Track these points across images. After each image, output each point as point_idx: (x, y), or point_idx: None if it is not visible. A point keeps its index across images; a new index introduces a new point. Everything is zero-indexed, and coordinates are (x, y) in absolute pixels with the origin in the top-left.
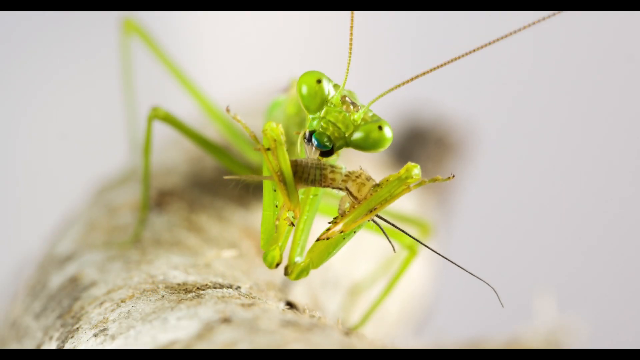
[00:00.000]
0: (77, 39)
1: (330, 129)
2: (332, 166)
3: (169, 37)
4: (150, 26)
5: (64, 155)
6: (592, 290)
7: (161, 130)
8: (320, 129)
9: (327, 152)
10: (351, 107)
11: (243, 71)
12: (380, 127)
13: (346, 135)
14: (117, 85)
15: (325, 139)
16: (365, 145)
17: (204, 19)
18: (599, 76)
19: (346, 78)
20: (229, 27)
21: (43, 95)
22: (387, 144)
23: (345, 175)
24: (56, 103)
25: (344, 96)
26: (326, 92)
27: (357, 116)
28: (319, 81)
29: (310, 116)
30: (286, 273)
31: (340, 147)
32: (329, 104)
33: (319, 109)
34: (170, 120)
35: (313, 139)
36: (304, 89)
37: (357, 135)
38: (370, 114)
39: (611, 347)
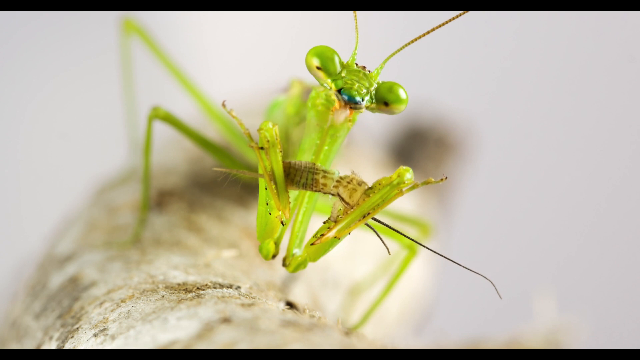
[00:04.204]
0: (77, 39)
1: (355, 84)
2: (324, 171)
3: (169, 37)
4: (150, 26)
5: (64, 155)
6: (592, 290)
7: (161, 130)
8: (346, 85)
9: (356, 106)
10: (365, 69)
11: (243, 71)
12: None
13: (370, 89)
14: (117, 85)
15: (354, 92)
16: (390, 97)
17: (204, 19)
18: (599, 76)
19: (356, 48)
20: (229, 27)
21: (43, 95)
22: (406, 103)
23: (337, 181)
24: (56, 103)
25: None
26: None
27: (374, 73)
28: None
29: (329, 80)
30: (284, 264)
31: (367, 102)
32: (346, 66)
33: (336, 70)
34: (170, 120)
35: (342, 94)
36: (323, 52)
37: (381, 88)
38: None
39: (611, 347)
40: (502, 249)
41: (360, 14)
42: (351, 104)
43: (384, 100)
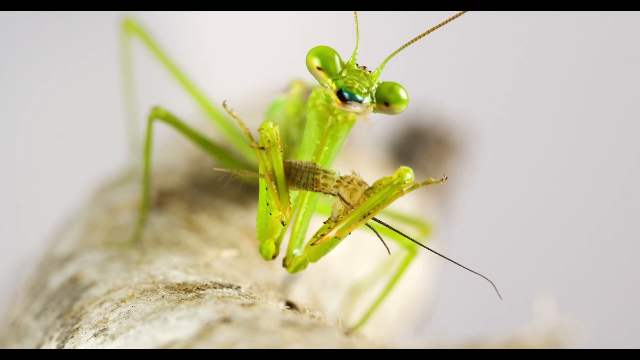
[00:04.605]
0: (77, 39)
1: (356, 83)
2: (325, 171)
3: (169, 37)
4: (150, 26)
5: (64, 155)
6: (592, 290)
7: (161, 130)
8: (347, 84)
9: (357, 105)
10: (365, 69)
11: (243, 71)
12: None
13: (370, 89)
14: (117, 86)
15: (355, 91)
16: (391, 97)
17: (204, 19)
18: (599, 76)
19: (356, 48)
20: (229, 27)
21: (43, 95)
22: (407, 103)
23: (337, 181)
24: (56, 103)
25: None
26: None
27: (375, 73)
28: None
29: (329, 80)
30: (284, 265)
31: (368, 101)
32: (347, 66)
33: (337, 70)
34: (170, 120)
35: (344, 93)
36: (323, 52)
37: (382, 88)
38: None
39: (611, 347)
40: (502, 249)
41: (361, 14)
42: (352, 103)
43: (384, 100)
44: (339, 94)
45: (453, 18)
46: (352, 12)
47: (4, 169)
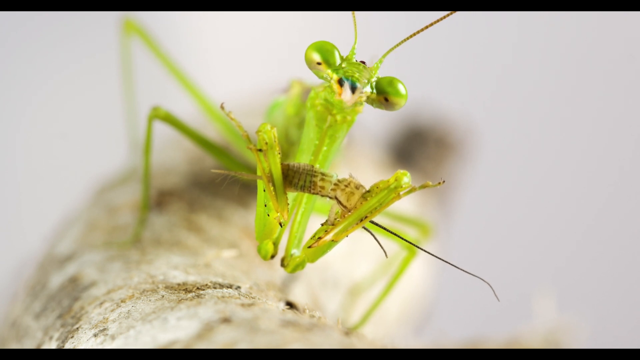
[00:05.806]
0: (78, 39)
1: (355, 74)
2: (322, 174)
3: (169, 37)
4: (150, 26)
5: (64, 155)
6: (592, 290)
7: (161, 130)
8: (347, 74)
9: (357, 93)
10: (364, 63)
11: (243, 71)
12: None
13: (370, 79)
14: (117, 86)
15: (355, 79)
16: (390, 90)
17: (204, 19)
18: (599, 76)
19: (355, 43)
20: (229, 27)
21: (43, 95)
22: (406, 98)
23: (335, 184)
24: (56, 103)
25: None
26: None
27: (374, 67)
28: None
29: (329, 70)
30: (282, 265)
31: (368, 90)
32: (346, 59)
33: (337, 63)
34: (170, 120)
35: (344, 80)
36: (322, 45)
37: (381, 81)
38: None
39: (611, 347)
40: (502, 248)
41: (360, 14)
42: (352, 87)
43: (384, 94)
44: (339, 82)
45: (446, 16)
46: (351, 13)
47: (4, 169)
